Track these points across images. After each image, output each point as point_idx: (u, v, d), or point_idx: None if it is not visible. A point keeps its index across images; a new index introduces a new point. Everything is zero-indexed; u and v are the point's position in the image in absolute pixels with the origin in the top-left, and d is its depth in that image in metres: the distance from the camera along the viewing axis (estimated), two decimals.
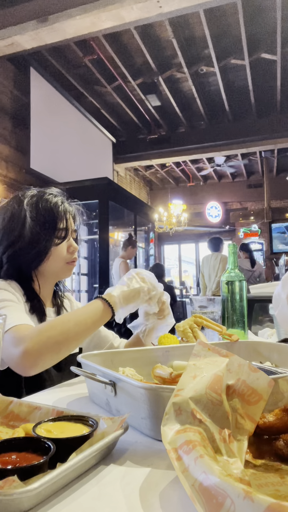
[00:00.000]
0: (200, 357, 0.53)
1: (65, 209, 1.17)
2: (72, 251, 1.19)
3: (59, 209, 1.15)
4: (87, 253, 6.79)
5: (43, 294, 1.18)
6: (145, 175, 10.54)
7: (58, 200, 1.17)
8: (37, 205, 1.14)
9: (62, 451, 0.45)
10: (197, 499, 0.34)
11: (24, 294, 1.10)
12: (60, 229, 1.15)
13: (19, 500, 0.37)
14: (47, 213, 1.13)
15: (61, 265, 1.17)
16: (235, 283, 1.25)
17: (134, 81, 6.19)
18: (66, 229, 1.16)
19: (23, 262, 1.13)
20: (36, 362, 0.84)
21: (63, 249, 1.16)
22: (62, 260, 1.17)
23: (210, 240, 5.95)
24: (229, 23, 4.98)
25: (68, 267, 1.20)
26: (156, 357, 0.85)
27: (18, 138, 5.26)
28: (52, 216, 1.14)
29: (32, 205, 1.13)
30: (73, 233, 1.21)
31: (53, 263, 1.15)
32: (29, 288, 1.13)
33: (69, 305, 1.31)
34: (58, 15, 3.92)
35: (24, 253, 1.12)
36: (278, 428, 0.49)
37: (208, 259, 5.93)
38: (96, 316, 0.95)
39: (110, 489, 0.44)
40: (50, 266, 1.16)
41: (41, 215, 1.12)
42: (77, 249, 1.22)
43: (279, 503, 0.29)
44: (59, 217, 1.14)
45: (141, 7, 3.78)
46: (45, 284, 1.18)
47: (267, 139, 7.45)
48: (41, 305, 1.14)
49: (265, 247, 10.27)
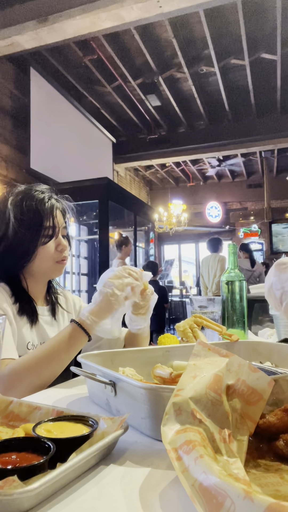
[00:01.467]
0: (200, 357, 0.53)
1: (51, 205, 1.12)
2: (61, 249, 1.14)
3: (45, 206, 1.10)
4: (87, 253, 6.79)
5: (34, 293, 1.15)
6: (145, 175, 10.54)
7: (45, 197, 1.12)
8: (21, 204, 1.09)
9: (62, 451, 0.45)
10: (197, 499, 0.34)
11: (13, 295, 1.08)
12: (47, 227, 1.10)
13: (19, 500, 0.37)
14: (31, 211, 1.09)
15: (49, 264, 1.13)
16: (235, 283, 1.25)
17: (134, 81, 6.19)
18: (53, 226, 1.11)
19: (9, 263, 1.11)
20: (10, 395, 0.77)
21: (50, 248, 1.12)
22: (50, 259, 1.13)
23: (209, 240, 5.96)
24: (229, 23, 4.98)
25: (57, 266, 1.16)
26: (156, 357, 0.85)
27: (18, 138, 5.26)
28: (37, 214, 1.09)
29: (16, 204, 1.09)
30: (63, 230, 1.16)
31: (40, 262, 1.12)
32: (17, 288, 1.11)
33: (64, 301, 1.28)
34: (58, 15, 3.93)
35: (9, 254, 1.10)
36: (278, 428, 0.49)
37: (207, 260, 5.95)
38: (72, 346, 0.94)
39: (110, 489, 0.44)
40: (38, 266, 1.12)
41: (25, 214, 1.08)
42: (67, 247, 1.17)
43: (279, 503, 0.29)
44: (45, 214, 1.10)
45: (141, 7, 3.79)
46: (34, 283, 1.16)
47: (267, 139, 7.45)
48: (31, 306, 1.11)
49: (265, 247, 10.27)
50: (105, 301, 0.97)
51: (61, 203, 1.17)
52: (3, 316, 0.57)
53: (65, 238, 1.17)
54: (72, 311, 1.30)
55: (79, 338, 0.95)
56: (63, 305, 1.26)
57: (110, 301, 0.97)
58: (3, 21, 4.13)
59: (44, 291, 1.21)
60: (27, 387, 0.87)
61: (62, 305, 1.26)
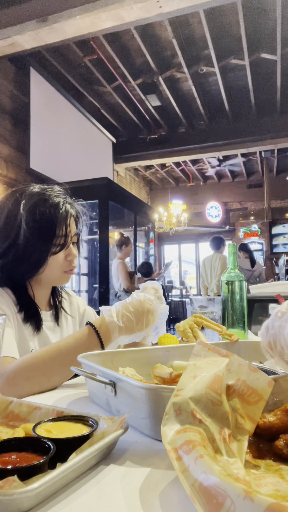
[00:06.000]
0: (200, 357, 0.53)
1: (66, 212, 1.07)
2: (71, 259, 1.10)
3: (59, 213, 1.05)
4: (87, 253, 6.79)
5: (39, 299, 1.12)
6: (145, 175, 10.53)
7: (59, 201, 1.06)
8: (34, 209, 1.03)
9: (62, 451, 0.45)
10: (197, 499, 0.34)
11: (18, 304, 1.04)
12: (59, 236, 1.05)
13: (19, 500, 0.37)
14: (45, 218, 1.03)
15: (57, 273, 1.09)
16: (235, 283, 1.25)
17: (134, 81, 6.19)
18: (66, 235, 1.06)
19: (17, 272, 1.06)
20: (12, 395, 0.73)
21: (60, 258, 1.08)
22: (59, 268, 1.09)
23: (212, 239, 5.99)
24: (229, 23, 4.98)
25: (65, 276, 1.11)
26: (156, 357, 0.85)
27: (18, 138, 5.26)
28: (50, 222, 1.03)
29: (29, 209, 1.03)
30: (74, 237, 1.12)
31: (49, 272, 1.07)
32: (23, 296, 1.07)
33: (68, 305, 1.25)
34: (58, 15, 3.93)
35: (20, 263, 1.04)
36: (278, 428, 0.49)
37: (208, 259, 5.95)
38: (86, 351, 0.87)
39: (110, 489, 0.44)
40: (46, 275, 1.08)
41: (37, 222, 1.02)
42: (76, 256, 1.12)
43: (279, 503, 0.29)
44: (58, 222, 1.04)
45: (141, 7, 3.79)
46: (40, 291, 1.12)
47: (267, 139, 7.45)
48: (36, 313, 1.08)
49: (265, 247, 10.27)
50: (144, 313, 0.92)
51: (75, 209, 1.12)
52: (3, 316, 0.57)
53: (75, 246, 1.13)
54: (76, 316, 1.26)
55: (95, 346, 0.90)
56: (67, 309, 1.22)
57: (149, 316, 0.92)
58: (3, 21, 4.13)
59: (48, 296, 1.18)
60: (34, 387, 0.83)
61: (66, 309, 1.22)
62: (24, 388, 0.82)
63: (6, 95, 5.13)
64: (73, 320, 1.24)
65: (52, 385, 0.86)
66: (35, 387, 0.83)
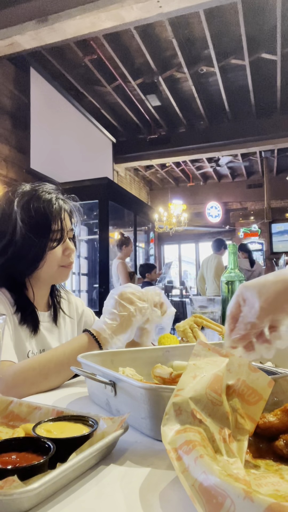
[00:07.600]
0: (200, 357, 0.53)
1: (59, 207, 1.07)
2: (69, 254, 1.10)
3: (53, 208, 1.05)
4: (87, 253, 6.79)
5: (37, 299, 1.11)
6: (145, 175, 10.53)
7: (52, 197, 1.07)
8: (28, 206, 1.04)
9: (62, 451, 0.45)
10: (197, 499, 0.34)
11: (15, 304, 1.04)
12: (55, 231, 1.05)
13: (19, 500, 0.37)
14: (39, 214, 1.03)
15: (56, 269, 1.09)
16: (235, 283, 1.25)
17: (134, 81, 6.19)
18: (62, 230, 1.07)
19: (17, 270, 1.06)
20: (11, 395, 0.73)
21: (58, 253, 1.08)
22: (57, 264, 1.08)
23: (214, 240, 6.09)
24: (229, 23, 4.98)
25: (64, 271, 1.11)
26: (156, 357, 0.85)
27: (18, 138, 5.26)
28: (45, 217, 1.04)
29: (23, 206, 1.04)
30: (70, 233, 1.12)
31: (47, 268, 1.07)
32: (21, 296, 1.06)
33: (67, 305, 1.24)
34: (58, 15, 3.93)
35: (18, 260, 1.04)
36: (278, 428, 0.49)
37: (206, 261, 5.99)
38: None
39: (110, 489, 0.44)
40: (45, 271, 1.08)
41: (33, 217, 1.03)
42: (74, 251, 1.12)
43: (279, 503, 0.29)
44: (53, 217, 1.05)
45: (141, 7, 3.78)
46: (39, 289, 1.12)
47: (267, 139, 7.45)
48: (34, 315, 1.07)
49: (265, 247, 10.27)
50: (127, 321, 0.94)
51: (68, 204, 1.12)
52: (3, 316, 0.57)
53: (71, 241, 1.13)
54: (74, 316, 1.25)
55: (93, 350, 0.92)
56: (65, 309, 1.22)
57: (131, 322, 0.94)
58: (3, 21, 4.13)
59: (46, 296, 1.17)
60: (32, 387, 0.84)
61: (65, 309, 1.21)
62: (23, 392, 0.83)
63: (6, 95, 5.13)
64: (71, 321, 1.23)
65: (50, 388, 0.88)
66: (35, 391, 0.85)
